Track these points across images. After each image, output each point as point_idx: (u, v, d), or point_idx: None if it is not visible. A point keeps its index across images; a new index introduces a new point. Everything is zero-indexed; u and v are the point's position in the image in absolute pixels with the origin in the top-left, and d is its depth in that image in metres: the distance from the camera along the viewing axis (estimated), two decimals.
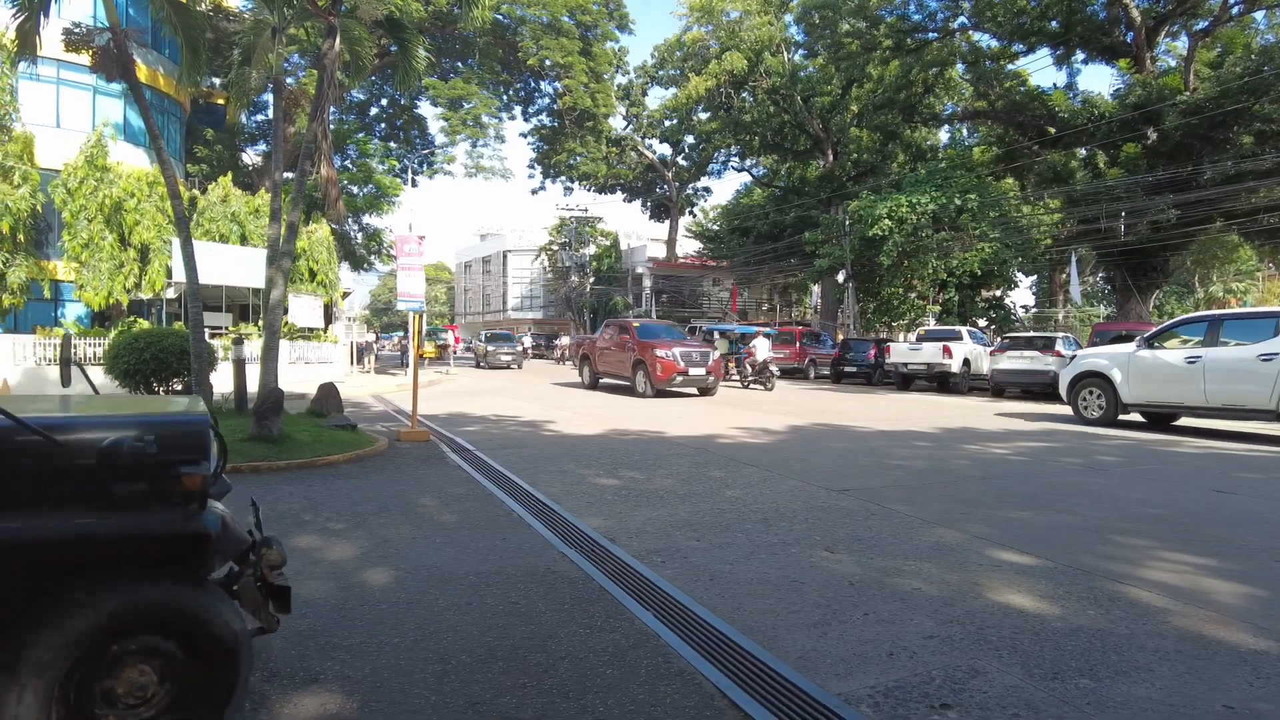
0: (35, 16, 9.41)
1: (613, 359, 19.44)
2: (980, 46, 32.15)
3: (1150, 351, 11.84)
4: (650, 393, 17.64)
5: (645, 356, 17.74)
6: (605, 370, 19.85)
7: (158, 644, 2.41)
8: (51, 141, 20.74)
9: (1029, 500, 6.73)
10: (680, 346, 18.05)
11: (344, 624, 3.74)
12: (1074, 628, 3.75)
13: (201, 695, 2.45)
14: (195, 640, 2.44)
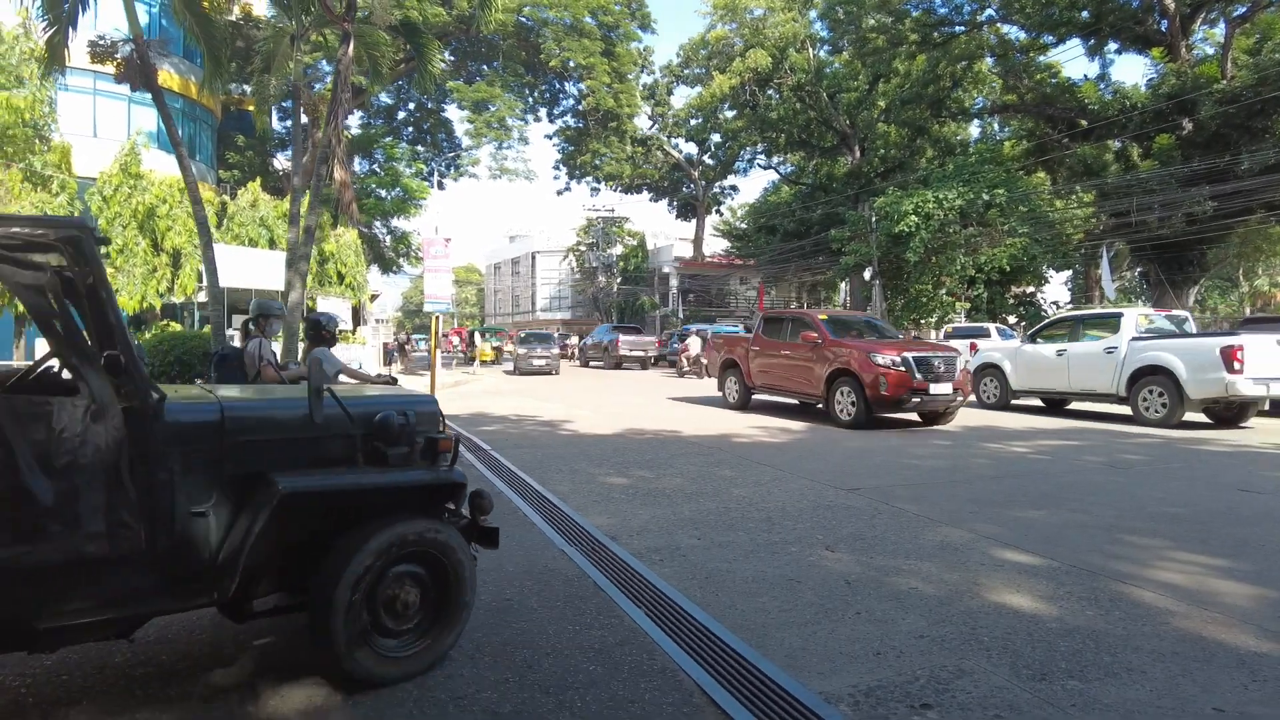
0: (64, 30, 9.70)
1: (785, 368, 13.38)
2: (1009, 39, 31.66)
3: (1032, 346, 14.02)
4: (859, 418, 11.58)
5: (854, 364, 11.67)
6: (770, 383, 13.81)
7: (418, 570, 3.15)
8: (88, 151, 21.34)
9: (1043, 499, 6.62)
10: (910, 350, 11.80)
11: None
12: (1069, 628, 3.69)
13: (442, 610, 3.21)
14: (441, 568, 3.19)
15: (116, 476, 2.58)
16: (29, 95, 18.74)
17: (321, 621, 2.92)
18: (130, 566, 2.64)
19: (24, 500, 2.42)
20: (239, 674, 3.18)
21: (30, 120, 18.89)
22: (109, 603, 2.63)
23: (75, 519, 2.51)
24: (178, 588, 2.76)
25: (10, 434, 2.41)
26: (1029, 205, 27.15)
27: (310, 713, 2.86)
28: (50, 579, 2.51)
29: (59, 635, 2.57)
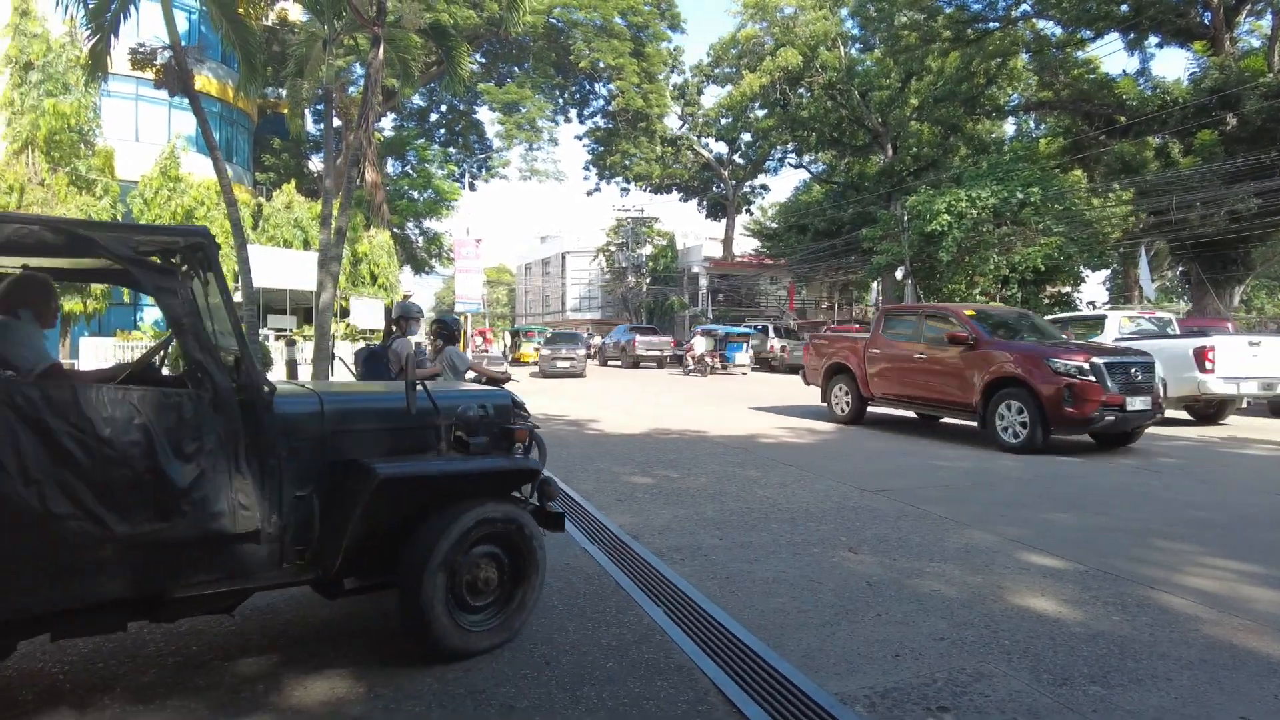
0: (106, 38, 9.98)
1: (920, 374, 10.85)
2: (1044, 34, 31.09)
3: None
4: (1032, 440, 9.22)
5: (1025, 371, 9.36)
6: (897, 393, 11.30)
7: (495, 551, 3.40)
8: (130, 154, 21.87)
9: (1071, 502, 6.52)
10: (1099, 354, 9.46)
11: (360, 614, 3.87)
12: (1093, 633, 3.64)
13: (516, 589, 3.47)
14: (516, 549, 3.44)
15: (235, 462, 2.89)
16: (75, 102, 19.29)
17: (412, 598, 3.16)
18: (247, 544, 2.95)
19: (161, 482, 2.71)
20: (264, 665, 3.26)
21: (76, 126, 19.44)
22: (228, 576, 2.94)
23: (203, 500, 2.80)
24: (286, 564, 3.07)
25: (149, 423, 2.71)
26: (1065, 204, 26.63)
27: (332, 704, 2.93)
28: (182, 553, 2.81)
29: (183, 605, 2.90)
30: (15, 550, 2.51)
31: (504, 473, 3.61)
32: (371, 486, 3.03)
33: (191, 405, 2.81)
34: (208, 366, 2.87)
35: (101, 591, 2.68)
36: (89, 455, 2.60)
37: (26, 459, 2.49)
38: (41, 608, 2.62)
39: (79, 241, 2.75)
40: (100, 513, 2.60)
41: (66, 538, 2.56)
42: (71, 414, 2.58)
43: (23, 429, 2.50)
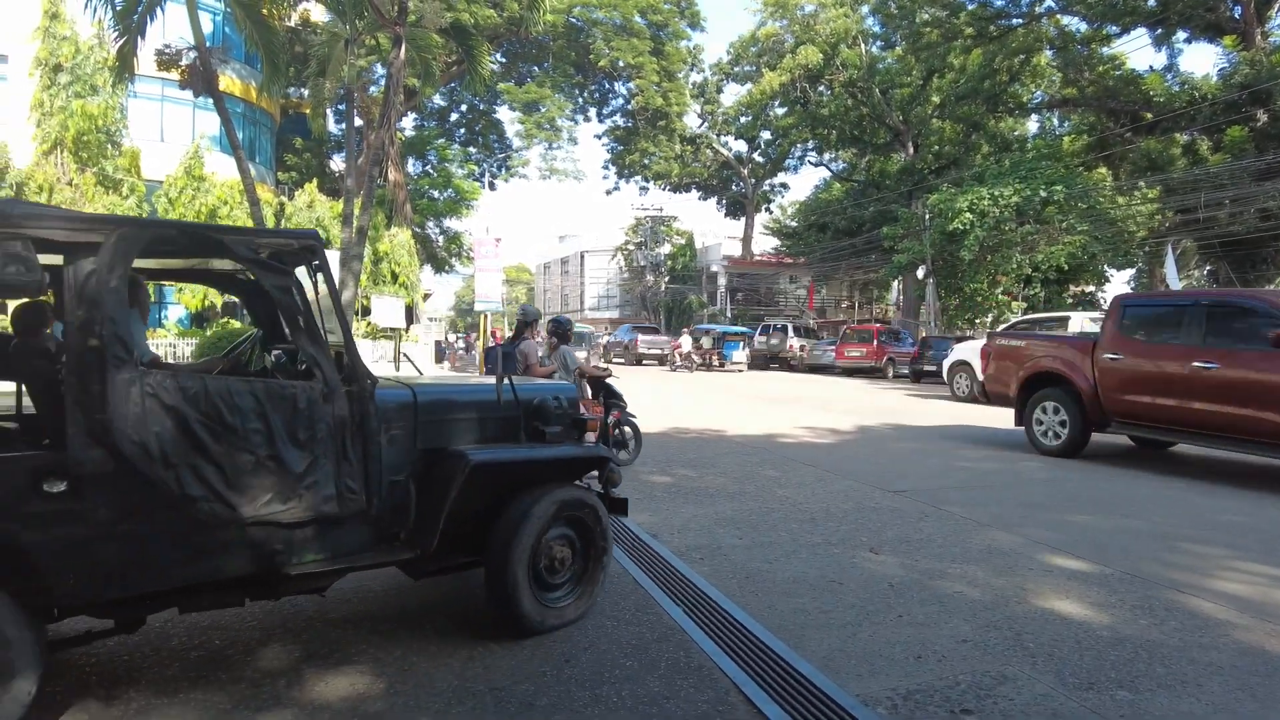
0: (133, 39, 10.11)
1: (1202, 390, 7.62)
2: (1069, 30, 30.68)
3: None
4: None
5: None
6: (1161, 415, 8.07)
7: (569, 533, 3.67)
8: (156, 154, 22.16)
9: (1095, 504, 6.43)
10: None
11: (381, 610, 3.89)
12: (1120, 637, 3.58)
13: (587, 568, 3.74)
14: (588, 531, 3.72)
15: (343, 449, 3.12)
16: (102, 103, 19.58)
17: (500, 576, 3.42)
18: (353, 525, 3.19)
19: (280, 467, 2.96)
20: (286, 660, 3.28)
21: (103, 126, 19.73)
22: (336, 556, 3.17)
23: (315, 484, 3.03)
24: (386, 544, 3.32)
25: (270, 412, 2.94)
26: (1089, 202, 26.29)
27: (352, 699, 2.94)
28: (296, 534, 3.04)
29: (293, 581, 3.09)
30: (155, 530, 2.74)
31: (579, 460, 3.97)
32: (465, 471, 3.28)
33: (305, 396, 3.04)
34: (319, 360, 3.10)
35: (227, 569, 2.92)
36: (218, 442, 2.83)
37: (166, 445, 2.72)
38: (175, 583, 2.84)
39: (210, 244, 3.06)
40: (228, 495, 2.83)
41: (199, 518, 2.79)
42: (203, 403, 2.81)
43: (162, 417, 2.72)
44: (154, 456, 2.68)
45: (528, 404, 3.81)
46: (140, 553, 2.72)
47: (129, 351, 2.73)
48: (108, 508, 2.64)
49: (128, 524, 2.68)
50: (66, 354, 2.68)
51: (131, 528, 2.69)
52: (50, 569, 2.56)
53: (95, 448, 2.60)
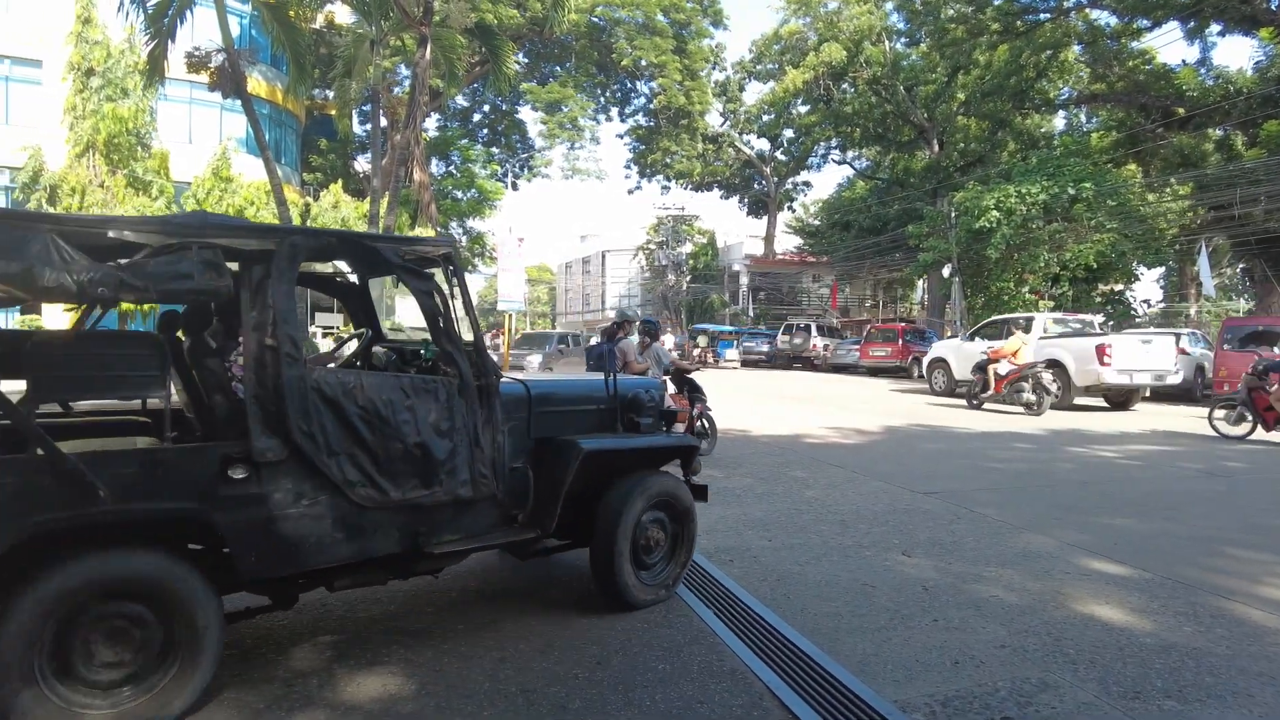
0: (163, 43, 10.22)
1: None
2: (1098, 25, 30.15)
3: (970, 343, 16.28)
4: None
5: None
6: None
7: (662, 516, 3.96)
8: (184, 156, 22.42)
9: (1133, 506, 6.29)
10: None
11: (412, 610, 3.88)
12: (1165, 645, 3.49)
13: (676, 550, 4.05)
14: (677, 514, 4.02)
15: (475, 438, 3.39)
16: (133, 106, 19.85)
17: (605, 556, 3.71)
18: (483, 508, 3.47)
19: (425, 454, 3.22)
20: (317, 660, 3.28)
21: (134, 129, 20.00)
22: (469, 536, 3.44)
23: (454, 470, 3.30)
24: (509, 525, 3.59)
25: (415, 404, 3.22)
26: (1118, 199, 25.85)
27: (384, 700, 2.93)
28: (437, 515, 3.31)
29: (429, 560, 3.38)
30: (320, 512, 2.99)
31: (672, 449, 4.28)
32: (578, 458, 3.58)
33: (445, 390, 3.33)
34: (455, 357, 3.38)
35: (378, 548, 3.17)
36: (373, 432, 3.10)
37: (329, 435, 2.99)
38: (335, 561, 3.08)
39: (364, 251, 3.37)
40: (381, 480, 3.11)
41: (356, 502, 3.05)
42: (360, 397, 3.09)
43: (326, 409, 3.00)
44: (320, 445, 2.96)
45: (624, 397, 4.16)
46: (308, 533, 2.98)
47: (299, 350, 3.00)
48: (281, 492, 2.92)
49: (297, 507, 2.95)
50: (244, 353, 2.93)
51: (300, 510, 2.96)
52: (236, 547, 2.83)
53: (272, 437, 2.88)
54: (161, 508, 2.73)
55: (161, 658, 2.70)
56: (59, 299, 2.65)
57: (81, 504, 2.54)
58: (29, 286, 2.47)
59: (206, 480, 2.78)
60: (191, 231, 2.79)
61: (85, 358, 2.75)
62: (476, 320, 3.61)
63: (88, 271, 2.50)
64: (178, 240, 2.74)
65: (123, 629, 2.63)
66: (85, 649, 2.57)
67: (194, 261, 2.71)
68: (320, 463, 2.96)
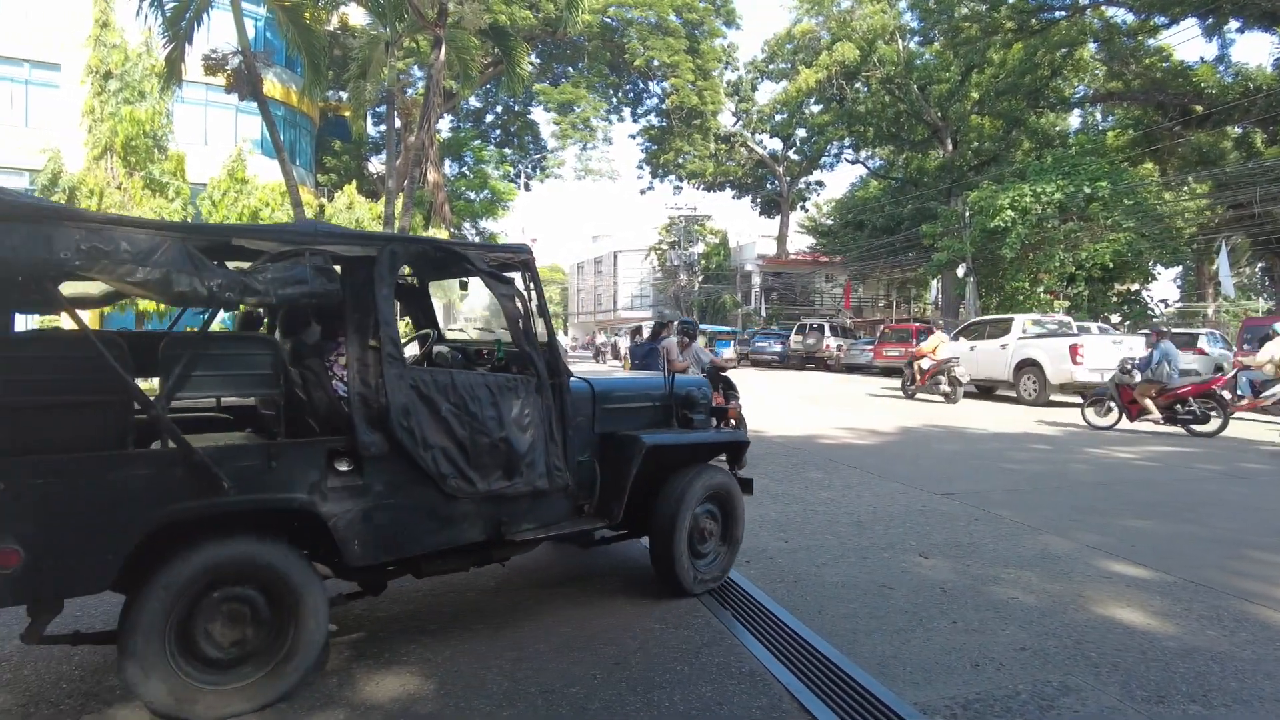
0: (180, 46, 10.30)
1: None
2: (1114, 22, 29.88)
3: (954, 342, 16.82)
4: None
5: None
6: None
7: (713, 508, 4.15)
8: (200, 158, 22.58)
9: (1152, 508, 6.23)
10: None
11: (430, 610, 3.90)
12: (1189, 648, 3.45)
13: (726, 539, 4.24)
14: (728, 506, 4.22)
15: (550, 432, 3.61)
16: (150, 108, 19.99)
17: (665, 545, 3.93)
18: (557, 498, 3.69)
19: (508, 448, 3.43)
20: (336, 659, 3.29)
21: (150, 131, 20.15)
22: (544, 524, 3.65)
23: (533, 463, 3.51)
24: (578, 515, 3.83)
25: (499, 401, 3.44)
26: (1135, 198, 25.62)
27: (403, 700, 2.94)
28: (516, 505, 3.52)
29: (507, 547, 3.58)
30: (415, 502, 3.20)
31: (726, 444, 4.50)
32: (642, 452, 3.81)
33: (524, 387, 3.55)
34: (533, 356, 3.59)
35: (464, 536, 3.40)
36: (463, 427, 3.31)
37: (425, 430, 3.20)
38: (427, 549, 3.31)
39: (454, 257, 3.55)
40: (469, 472, 3.32)
41: (448, 493, 3.27)
42: (451, 394, 3.31)
43: (422, 406, 3.20)
44: (417, 440, 3.16)
45: (678, 395, 4.40)
46: (405, 522, 3.19)
47: (399, 349, 3.20)
48: (382, 484, 3.12)
49: (395, 498, 3.15)
50: (348, 353, 3.14)
51: (398, 501, 3.16)
52: (342, 536, 3.01)
53: (375, 432, 3.09)
54: (277, 498, 2.93)
55: (273, 639, 2.89)
56: (190, 303, 2.80)
57: (207, 494, 2.74)
58: (165, 292, 2.63)
59: (315, 473, 2.98)
60: (304, 239, 3.01)
61: (211, 358, 2.92)
62: (550, 322, 3.76)
63: (216, 277, 2.69)
64: (292, 247, 2.96)
65: (239, 612, 2.83)
66: (206, 630, 2.77)
67: (307, 267, 2.89)
68: (417, 456, 3.16)
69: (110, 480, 2.61)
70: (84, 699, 2.91)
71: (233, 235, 2.99)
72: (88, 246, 2.50)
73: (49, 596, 2.63)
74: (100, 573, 2.59)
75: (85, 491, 2.57)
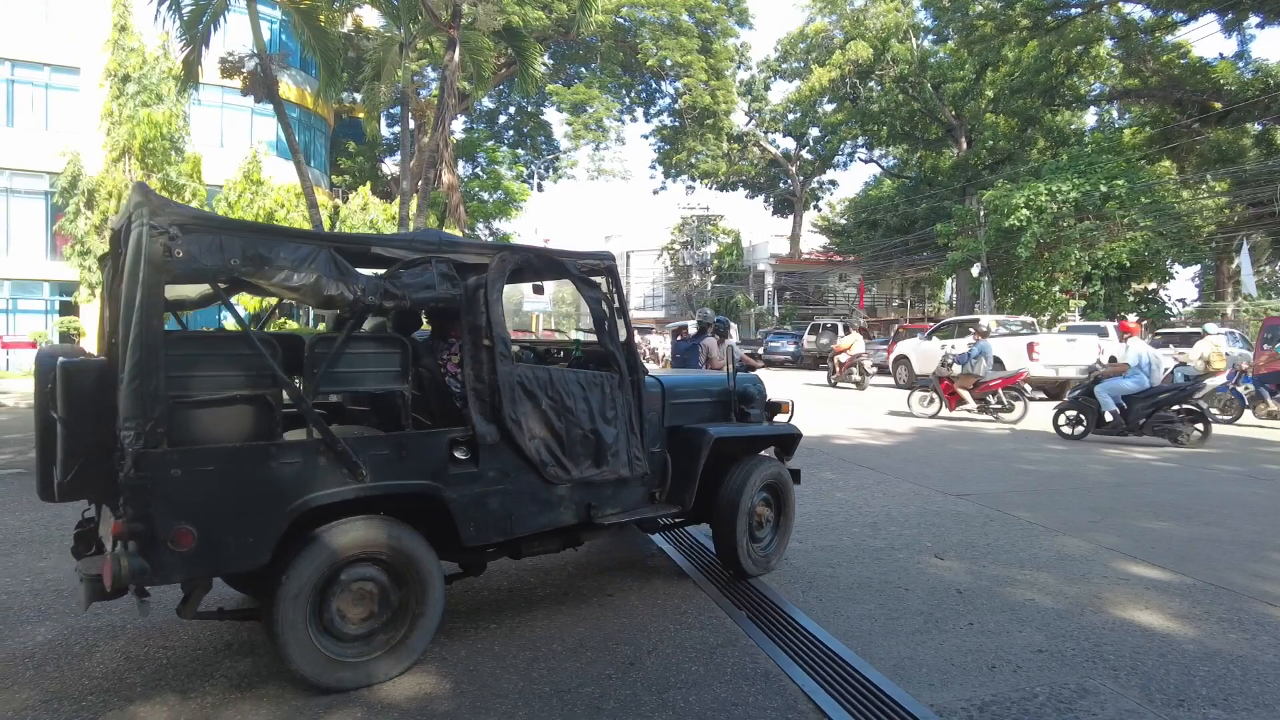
0: (197, 49, 10.40)
1: None
2: (1131, 19, 29.61)
3: (928, 342, 18.81)
4: None
5: None
6: None
7: (768, 496, 4.48)
8: (216, 160, 22.78)
9: (1171, 510, 6.17)
10: None
11: (446, 609, 3.88)
12: (1209, 651, 3.42)
13: (779, 528, 4.56)
14: (781, 495, 4.55)
15: (631, 425, 3.91)
16: (167, 111, 20.19)
17: (727, 531, 4.22)
18: (634, 486, 3.97)
19: (598, 438, 3.73)
20: None
21: (167, 134, 20.35)
22: (625, 509, 3.94)
23: (618, 453, 3.81)
24: (651, 502, 4.12)
25: (590, 396, 3.74)
26: (1152, 196, 25.39)
27: (420, 699, 2.96)
28: (603, 491, 3.81)
29: (590, 530, 3.89)
30: (520, 488, 3.48)
31: (781, 436, 4.82)
32: (709, 444, 4.12)
33: (609, 383, 3.85)
34: (617, 355, 3.90)
35: (561, 519, 3.67)
36: (560, 419, 3.61)
37: (530, 422, 3.49)
38: (530, 530, 3.57)
39: (553, 265, 3.84)
40: (565, 461, 3.61)
41: (547, 479, 3.54)
42: (550, 389, 3.60)
43: (526, 400, 3.50)
44: (523, 430, 3.45)
45: (738, 391, 4.70)
46: (513, 506, 3.47)
47: (509, 348, 3.51)
48: (494, 471, 3.39)
49: (504, 483, 3.43)
50: (464, 351, 3.42)
51: (507, 487, 3.44)
52: (461, 518, 3.30)
53: (490, 424, 3.37)
54: (409, 484, 3.18)
55: (399, 615, 3.15)
56: (337, 306, 3.08)
57: (348, 481, 2.99)
58: (316, 295, 2.94)
59: (438, 461, 3.25)
60: (432, 249, 3.33)
61: (351, 356, 3.12)
62: (630, 323, 4.06)
63: (360, 283, 3.02)
64: (421, 256, 3.29)
65: (369, 591, 3.08)
66: (340, 607, 3.01)
67: (434, 274, 3.26)
68: (523, 445, 3.45)
69: (267, 467, 2.84)
70: (105, 695, 2.95)
71: (372, 244, 3.30)
72: (253, 254, 2.80)
73: (214, 573, 2.88)
74: (257, 551, 2.81)
75: (246, 478, 2.80)
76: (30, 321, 23.86)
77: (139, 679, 3.08)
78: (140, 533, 2.58)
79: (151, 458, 2.59)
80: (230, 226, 2.91)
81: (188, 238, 2.67)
